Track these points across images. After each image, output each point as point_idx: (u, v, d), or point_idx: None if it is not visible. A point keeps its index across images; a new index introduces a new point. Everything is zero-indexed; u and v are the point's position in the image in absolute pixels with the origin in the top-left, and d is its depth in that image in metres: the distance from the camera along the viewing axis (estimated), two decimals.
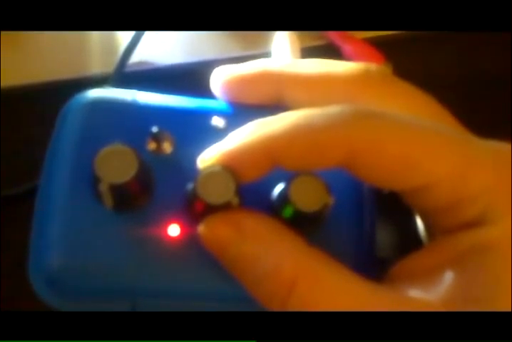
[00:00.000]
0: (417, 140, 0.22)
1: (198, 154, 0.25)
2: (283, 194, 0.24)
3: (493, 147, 0.22)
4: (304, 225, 0.24)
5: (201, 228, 0.23)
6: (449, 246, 0.22)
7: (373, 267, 0.26)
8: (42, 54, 0.43)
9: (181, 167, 0.25)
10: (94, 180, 0.23)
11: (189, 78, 0.40)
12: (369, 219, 0.27)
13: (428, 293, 0.21)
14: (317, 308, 0.21)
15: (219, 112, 0.27)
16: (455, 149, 0.22)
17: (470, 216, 0.22)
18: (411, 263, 0.23)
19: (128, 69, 0.41)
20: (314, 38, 0.44)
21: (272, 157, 0.22)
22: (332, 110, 0.22)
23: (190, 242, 0.24)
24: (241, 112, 0.27)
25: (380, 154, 0.22)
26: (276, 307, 0.22)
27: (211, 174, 0.23)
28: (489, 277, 0.20)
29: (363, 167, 0.22)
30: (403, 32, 0.44)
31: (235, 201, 0.23)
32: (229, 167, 0.23)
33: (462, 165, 0.22)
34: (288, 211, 0.24)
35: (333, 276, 0.21)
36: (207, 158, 0.23)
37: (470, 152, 0.22)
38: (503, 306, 0.20)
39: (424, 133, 0.22)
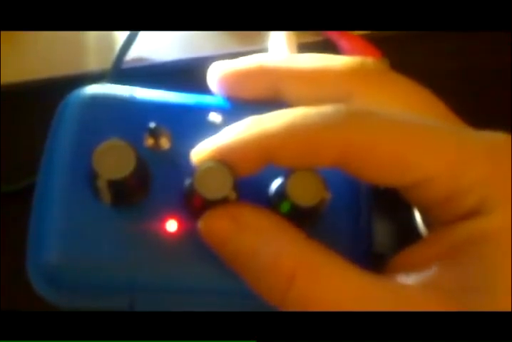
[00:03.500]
0: (411, 137, 0.22)
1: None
2: (280, 189, 0.24)
3: (489, 138, 0.23)
4: (302, 220, 0.24)
5: (200, 222, 0.23)
6: (447, 237, 0.22)
7: (370, 261, 0.26)
8: (40, 51, 0.43)
9: (178, 162, 0.25)
10: (92, 176, 0.23)
11: (186, 74, 0.40)
12: (366, 214, 0.27)
13: (427, 285, 0.21)
14: (317, 301, 0.21)
15: (217, 108, 0.27)
16: (449, 143, 0.22)
17: (468, 208, 0.22)
18: (410, 255, 0.23)
19: (125, 65, 0.41)
20: (311, 34, 0.45)
21: (265, 153, 0.22)
22: (327, 109, 0.22)
23: (188, 237, 0.24)
24: (238, 108, 0.28)
25: (374, 153, 0.22)
26: (277, 300, 0.22)
27: (208, 169, 0.23)
28: (487, 266, 0.20)
29: (358, 166, 0.23)
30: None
31: (233, 196, 0.23)
32: (223, 162, 0.23)
33: (457, 158, 0.22)
34: (285, 206, 0.24)
35: (332, 268, 0.22)
36: (201, 151, 0.23)
37: (465, 144, 0.22)
38: (501, 295, 0.20)
39: (418, 130, 0.22)
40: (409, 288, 0.21)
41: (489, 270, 0.20)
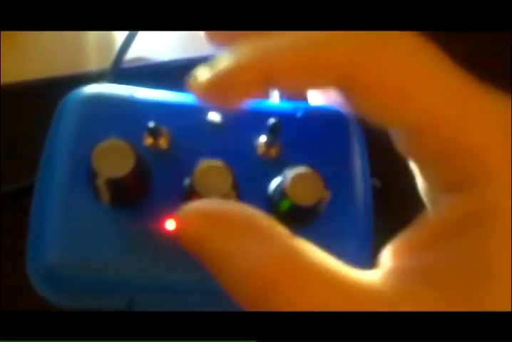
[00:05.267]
0: (421, 73, 0.20)
1: (195, 149, 0.25)
2: (280, 188, 0.24)
3: (504, 102, 0.21)
4: (301, 219, 0.24)
5: (175, 218, 0.21)
6: (440, 219, 0.21)
7: (370, 261, 0.26)
8: (40, 51, 0.43)
9: (177, 161, 0.25)
10: (91, 175, 0.23)
11: (185, 74, 0.40)
12: (366, 213, 0.27)
13: (421, 275, 0.20)
14: (303, 307, 0.19)
15: (216, 108, 0.27)
16: (461, 93, 0.21)
17: (466, 172, 0.20)
18: (402, 244, 0.22)
19: (124, 65, 0.41)
20: None
21: (266, 73, 0.21)
22: (335, 32, 0.21)
23: None
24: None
25: (378, 80, 0.20)
26: (258, 307, 0.20)
27: (208, 168, 0.23)
28: (484, 251, 0.19)
29: (358, 91, 0.21)
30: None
31: (232, 195, 0.23)
32: (222, 85, 0.21)
33: (464, 110, 0.20)
34: (285, 205, 0.24)
35: (320, 270, 0.19)
36: (201, 78, 0.22)
37: (476, 99, 0.21)
38: (500, 281, 0.19)
39: (429, 69, 0.21)
40: (403, 284, 0.20)
41: (485, 256, 0.19)
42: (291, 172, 0.24)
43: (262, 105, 0.27)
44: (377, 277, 0.20)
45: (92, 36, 0.43)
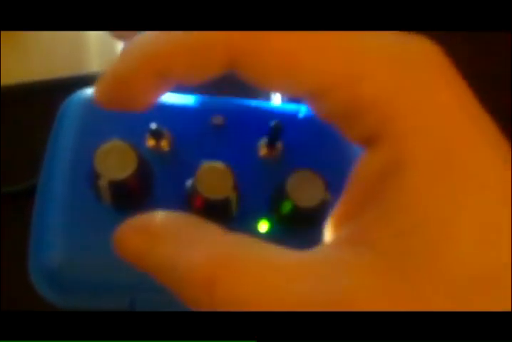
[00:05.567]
0: (305, 37, 0.20)
1: (196, 151, 0.25)
2: (281, 190, 0.24)
3: (400, 41, 0.20)
4: (304, 222, 0.24)
5: (114, 239, 0.20)
6: (360, 181, 0.20)
7: None
8: (42, 53, 0.43)
9: (179, 163, 0.26)
10: (93, 177, 0.23)
11: None
12: None
13: (351, 246, 0.19)
14: (245, 296, 0.19)
15: (218, 110, 0.27)
16: (349, 45, 0.20)
17: (373, 127, 0.19)
18: (335, 215, 0.21)
19: None
20: None
21: (156, 68, 0.20)
22: None
23: None
24: (240, 109, 0.28)
25: (264, 52, 0.20)
26: (205, 307, 0.20)
27: (210, 170, 0.23)
28: (399, 208, 0.18)
29: (249, 67, 0.20)
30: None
31: (234, 196, 0.23)
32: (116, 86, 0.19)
33: (356, 64, 0.19)
34: (286, 207, 0.24)
35: (256, 259, 0.19)
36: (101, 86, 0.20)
37: (367, 47, 0.20)
38: (430, 235, 0.18)
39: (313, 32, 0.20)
40: (335, 255, 0.19)
41: (403, 210, 0.18)
42: (292, 174, 0.24)
43: (263, 106, 0.27)
44: (317, 255, 0.20)
45: (93, 38, 0.43)
